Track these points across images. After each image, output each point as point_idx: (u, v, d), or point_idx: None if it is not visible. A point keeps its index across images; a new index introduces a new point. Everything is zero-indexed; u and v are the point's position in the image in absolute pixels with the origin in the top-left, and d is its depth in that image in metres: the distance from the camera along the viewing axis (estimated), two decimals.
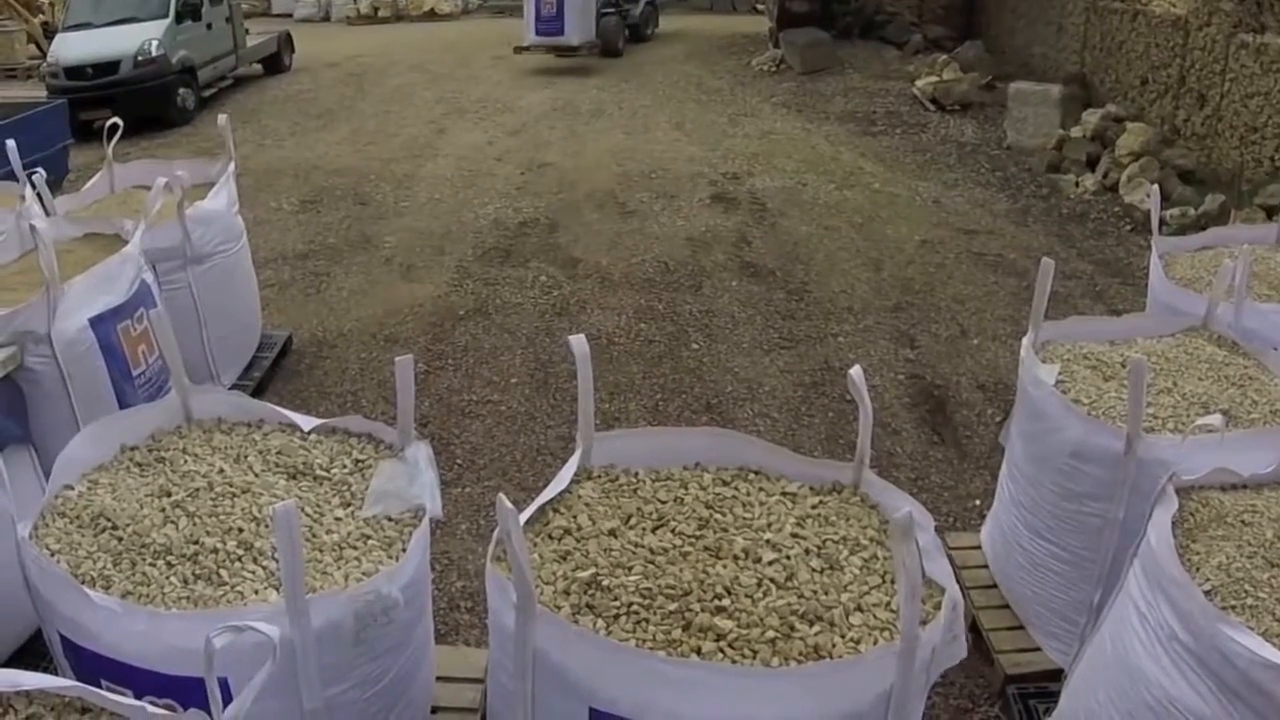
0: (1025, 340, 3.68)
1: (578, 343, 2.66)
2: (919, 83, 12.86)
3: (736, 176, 9.94)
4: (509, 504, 2.03)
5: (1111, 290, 7.17)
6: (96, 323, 4.01)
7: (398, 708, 2.75)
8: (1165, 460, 2.96)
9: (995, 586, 3.85)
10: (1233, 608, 2.36)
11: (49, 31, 16.69)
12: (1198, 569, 2.50)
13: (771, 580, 2.33)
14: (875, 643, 2.19)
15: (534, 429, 5.53)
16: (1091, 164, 9.58)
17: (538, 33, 16.22)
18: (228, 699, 1.81)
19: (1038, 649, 3.59)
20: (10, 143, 5.18)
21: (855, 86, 13.50)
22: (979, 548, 4.06)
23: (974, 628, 3.72)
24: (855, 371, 2.55)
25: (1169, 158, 8.93)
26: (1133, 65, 10.28)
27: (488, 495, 4.92)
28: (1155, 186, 4.71)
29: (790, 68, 14.63)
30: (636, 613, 2.23)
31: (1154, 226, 4.62)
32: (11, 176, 5.23)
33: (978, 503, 4.79)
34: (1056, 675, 3.38)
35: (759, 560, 2.39)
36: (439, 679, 3.21)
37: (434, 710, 3.15)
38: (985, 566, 3.95)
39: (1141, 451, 3.06)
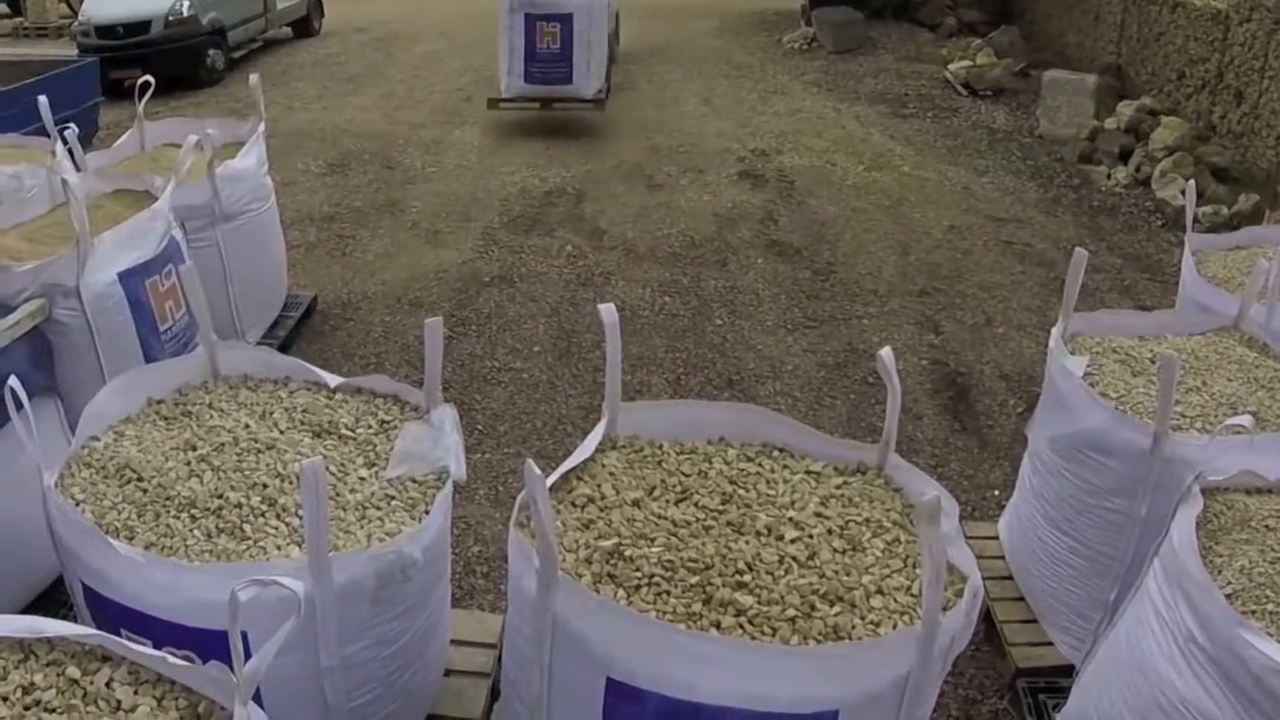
0: (1055, 330, 3.65)
1: (607, 311, 2.65)
2: (951, 66, 12.75)
3: (765, 154, 9.89)
4: (536, 469, 2.03)
5: (1140, 286, 7.11)
6: (125, 277, 4.02)
7: (413, 668, 2.77)
8: (1191, 459, 2.93)
9: (1011, 578, 3.84)
10: (1253, 612, 2.34)
11: None
12: (1219, 571, 2.49)
13: (793, 558, 2.33)
14: (895, 626, 2.19)
15: (555, 398, 5.54)
16: (1124, 157, 9.48)
17: (529, 79, 10.27)
18: (246, 654, 1.82)
19: (1050, 644, 3.58)
20: (42, 99, 5.19)
21: (887, 68, 13.38)
22: (996, 538, 4.04)
23: (987, 619, 3.71)
24: (885, 352, 2.54)
25: (1203, 154, 8.83)
26: (1170, 58, 10.16)
27: (507, 462, 4.93)
28: (1190, 182, 4.66)
29: (821, 46, 14.52)
30: (658, 584, 2.23)
31: (1188, 223, 4.58)
32: (43, 132, 5.24)
33: (996, 493, 4.77)
34: (1068, 671, 3.37)
35: (781, 538, 2.39)
36: (453, 642, 3.22)
37: (447, 673, 3.16)
38: (1001, 558, 3.93)
39: (1168, 449, 3.04)
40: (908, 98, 12.02)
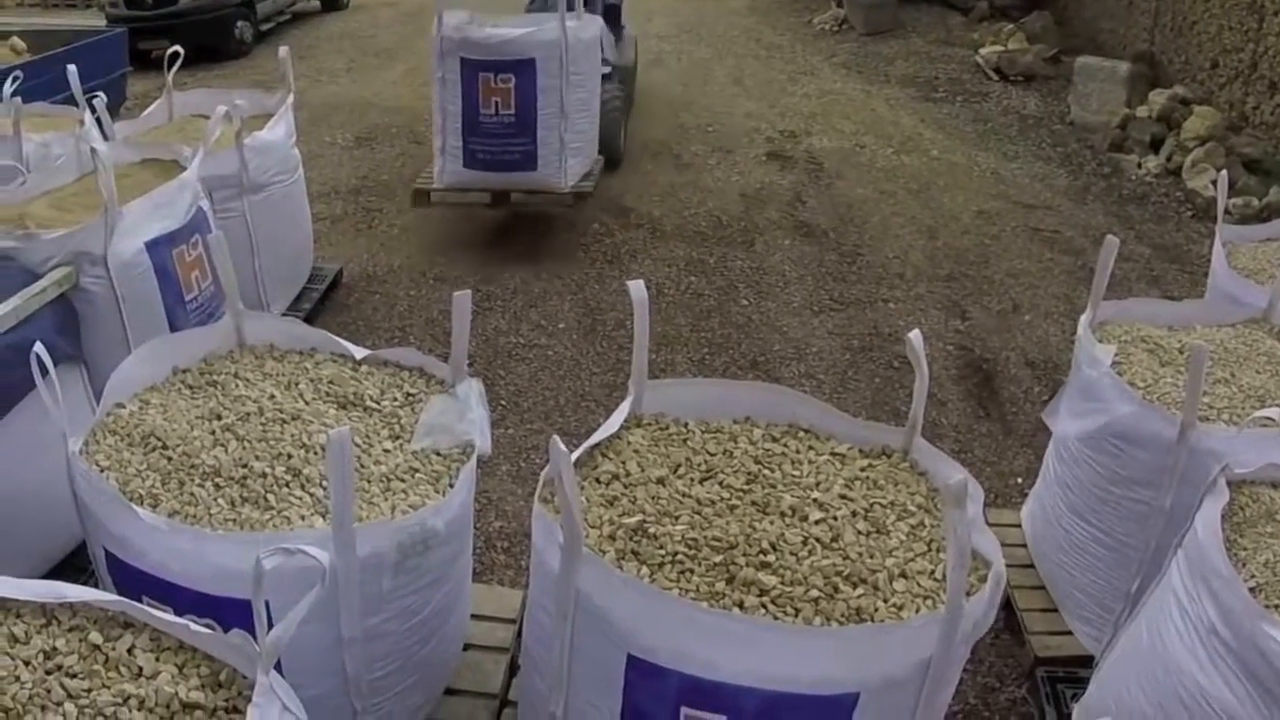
0: (1083, 318, 3.61)
1: (636, 288, 2.64)
2: (983, 51, 12.63)
3: (794, 134, 9.83)
4: (562, 445, 2.02)
5: (1169, 276, 7.05)
6: (152, 246, 4.03)
7: (433, 641, 2.77)
8: (1218, 451, 2.90)
9: (1032, 566, 3.81)
10: (1276, 606, 2.32)
11: None
12: (1243, 564, 2.46)
13: (817, 540, 2.32)
14: (918, 610, 2.17)
15: (579, 374, 5.54)
16: (1155, 145, 9.38)
17: (470, 160, 6.83)
18: (268, 623, 1.82)
19: (1070, 633, 3.56)
20: (71, 68, 5.20)
21: (917, 51, 13.28)
22: (1018, 526, 4.01)
23: (1007, 606, 3.69)
24: (914, 335, 2.52)
25: (1235, 145, 8.72)
26: (1203, 47, 10.04)
27: (530, 438, 4.94)
28: (1223, 173, 4.61)
29: (852, 28, 14.41)
30: (681, 562, 2.22)
31: (1219, 213, 4.53)
32: (71, 102, 5.26)
33: (1019, 480, 4.75)
34: (1087, 661, 3.34)
35: (805, 519, 2.38)
36: (473, 617, 3.23)
37: (466, 647, 3.17)
38: (1024, 545, 3.91)
39: (1194, 440, 3.01)
40: (938, 81, 11.92)
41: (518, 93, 6.54)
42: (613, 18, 8.95)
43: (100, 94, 5.17)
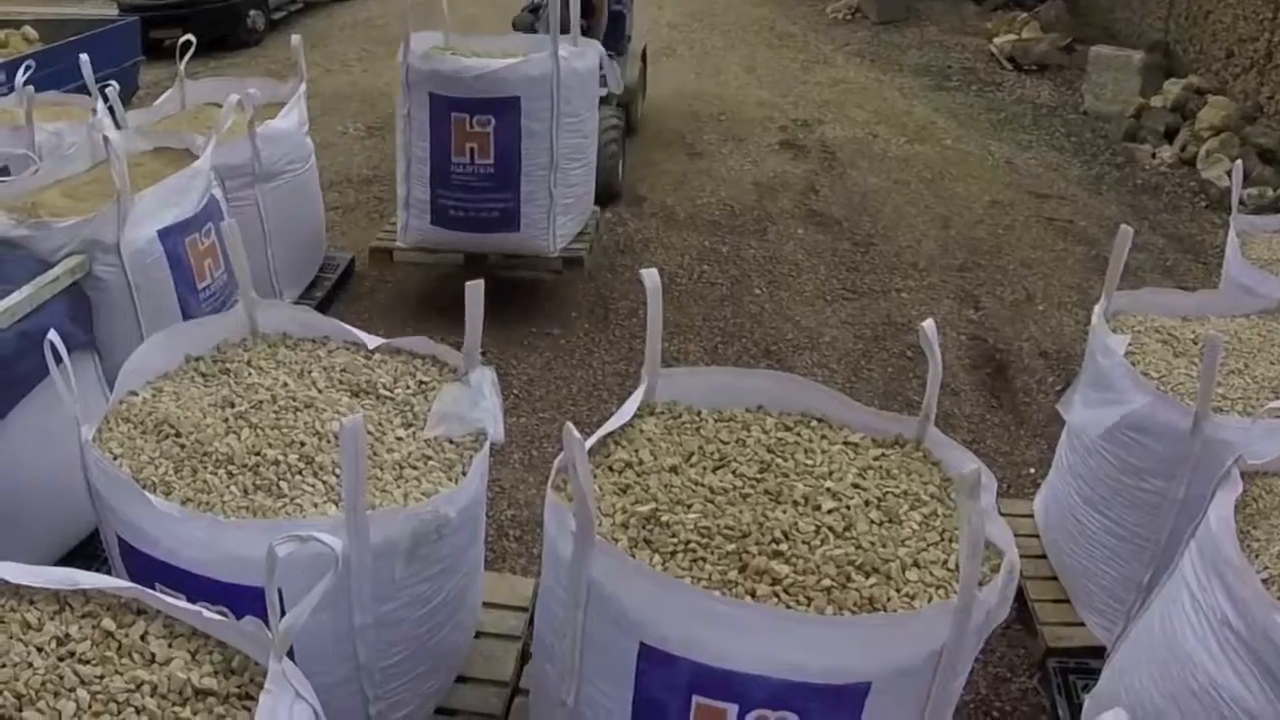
0: (1097, 308, 3.60)
1: (649, 276, 2.63)
2: (996, 40, 12.59)
3: (807, 123, 9.81)
4: (576, 433, 2.02)
5: (1182, 266, 7.02)
6: (165, 235, 4.03)
7: (445, 629, 2.77)
8: (1231, 442, 2.88)
9: (1044, 557, 3.80)
10: None
11: None
12: (1256, 556, 2.45)
13: (830, 529, 2.31)
14: (930, 600, 2.17)
15: (592, 364, 5.54)
16: (1169, 135, 9.34)
17: (439, 217, 5.70)
18: (280, 610, 1.82)
19: (1082, 624, 3.55)
20: (84, 57, 5.20)
21: (931, 40, 13.23)
22: (1030, 516, 4.00)
23: (1019, 597, 3.66)
24: (928, 325, 2.51)
25: (1250, 135, 8.68)
26: (1218, 37, 9.99)
27: (542, 426, 4.94)
28: (1238, 162, 4.58)
29: (865, 16, 14.37)
30: (694, 551, 2.22)
31: (1233, 204, 4.50)
32: (84, 90, 5.26)
33: (1032, 471, 4.74)
34: (1099, 652, 3.32)
35: (818, 508, 2.37)
36: (484, 605, 3.22)
37: (478, 635, 3.17)
38: (1036, 536, 3.89)
39: (1208, 431, 3.00)
40: (951, 70, 11.88)
41: (498, 138, 5.41)
42: (616, 31, 8.03)
43: (112, 83, 5.16)
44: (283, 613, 1.78)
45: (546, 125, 5.40)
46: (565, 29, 5.51)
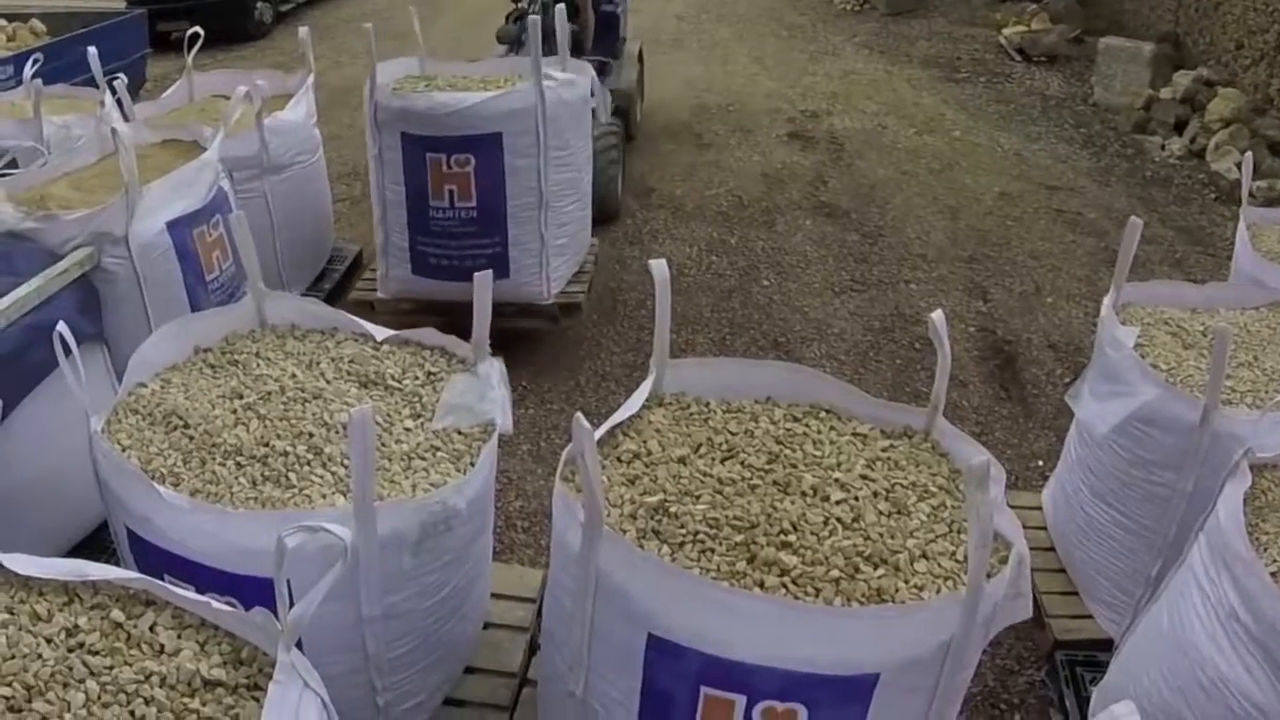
0: (1106, 300, 3.59)
1: (658, 267, 2.62)
2: (1005, 31, 12.55)
3: (815, 115, 9.79)
4: (585, 423, 2.01)
5: (1191, 259, 6.99)
6: (173, 227, 4.03)
7: (453, 620, 2.78)
8: (1240, 435, 2.87)
9: (1052, 549, 3.80)
10: None
11: None
12: (1265, 549, 2.44)
13: (838, 520, 2.31)
14: (938, 591, 2.16)
15: (599, 355, 5.54)
16: (1179, 127, 9.30)
17: (419, 265, 5.26)
18: (290, 600, 1.82)
19: (1089, 616, 3.54)
20: (91, 50, 5.21)
21: (940, 31, 13.20)
22: (1039, 508, 4.00)
23: None
24: (937, 316, 2.50)
25: (1260, 127, 8.64)
26: (1228, 28, 9.94)
27: (550, 418, 4.94)
28: (1247, 155, 4.55)
29: (874, 8, 14.34)
30: (702, 541, 2.22)
31: (1243, 196, 4.48)
32: (91, 83, 5.27)
33: (1040, 463, 4.73)
34: (1107, 645, 3.32)
35: (827, 499, 2.37)
36: (492, 596, 3.23)
37: (486, 626, 3.18)
38: (1044, 528, 3.89)
39: (1217, 424, 2.99)
40: (960, 62, 11.85)
41: (479, 178, 4.90)
42: (610, 33, 7.75)
43: (120, 76, 5.17)
44: (291, 603, 1.77)
45: (533, 161, 4.91)
46: (552, 50, 5.09)
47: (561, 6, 5.22)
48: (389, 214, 5.17)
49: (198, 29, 5.66)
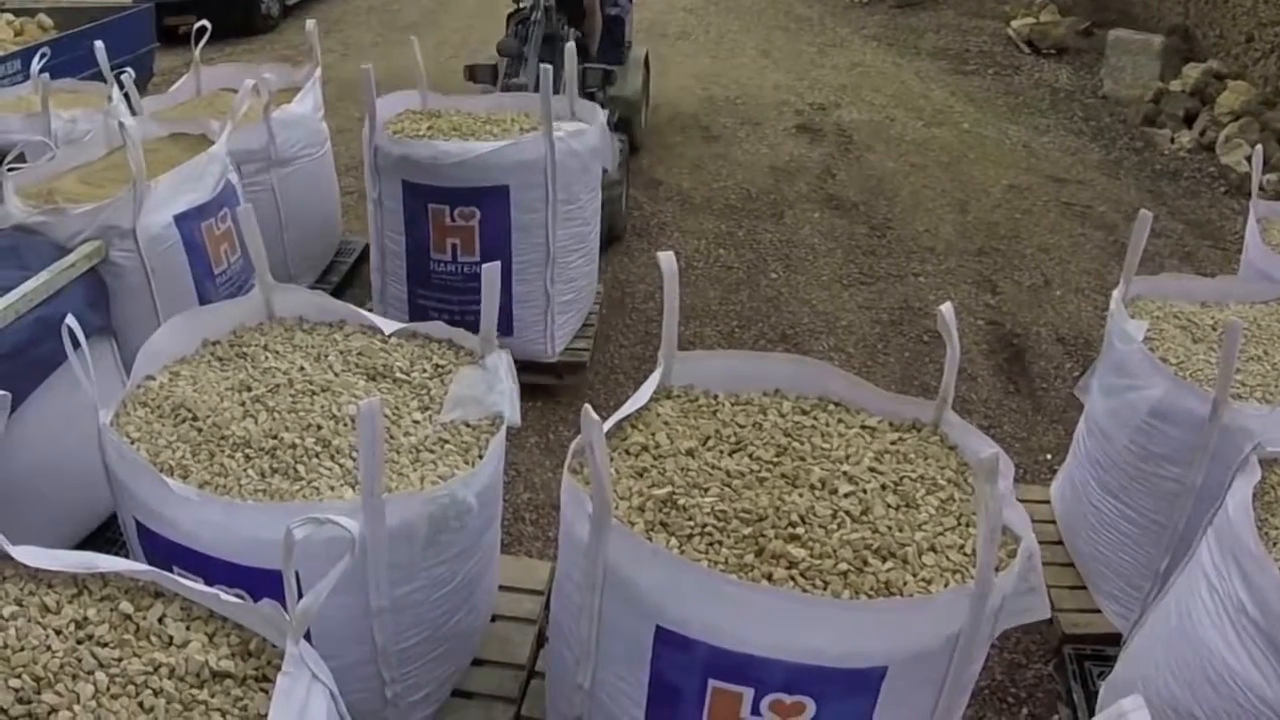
0: (1115, 293, 3.58)
1: (666, 260, 2.62)
2: (1014, 23, 12.51)
3: (823, 107, 9.76)
4: (594, 415, 2.01)
5: (1201, 252, 6.96)
6: (181, 220, 4.03)
7: (462, 612, 2.78)
8: (1250, 429, 2.87)
9: (1061, 543, 3.80)
10: None
11: None
12: (1274, 544, 2.44)
13: (847, 513, 2.31)
14: (946, 584, 2.16)
15: (608, 347, 5.53)
16: (1189, 120, 9.26)
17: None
18: (298, 592, 1.83)
19: (1098, 611, 3.54)
20: (99, 44, 5.21)
21: (948, 23, 13.15)
22: (1047, 502, 3.99)
23: None
24: (946, 308, 2.49)
25: (1270, 120, 8.59)
26: (1238, 20, 9.90)
27: (558, 410, 4.93)
28: (1257, 148, 4.53)
29: (882, 0, 14.33)
30: (710, 534, 2.22)
31: (1253, 189, 4.46)
32: (99, 77, 5.27)
33: (1049, 457, 4.71)
34: (1115, 639, 3.32)
35: (835, 492, 2.37)
36: (501, 588, 3.24)
37: (494, 618, 3.18)
38: (1052, 522, 3.89)
39: (1227, 418, 2.97)
40: (969, 54, 11.81)
41: (485, 232, 4.66)
42: (615, 37, 7.42)
43: (128, 70, 5.16)
44: (300, 595, 1.78)
45: (541, 216, 4.66)
46: (557, 89, 4.74)
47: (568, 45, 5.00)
48: (387, 263, 4.99)
49: (205, 23, 5.65)
